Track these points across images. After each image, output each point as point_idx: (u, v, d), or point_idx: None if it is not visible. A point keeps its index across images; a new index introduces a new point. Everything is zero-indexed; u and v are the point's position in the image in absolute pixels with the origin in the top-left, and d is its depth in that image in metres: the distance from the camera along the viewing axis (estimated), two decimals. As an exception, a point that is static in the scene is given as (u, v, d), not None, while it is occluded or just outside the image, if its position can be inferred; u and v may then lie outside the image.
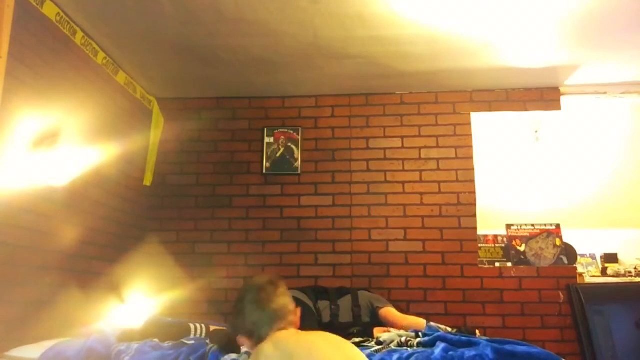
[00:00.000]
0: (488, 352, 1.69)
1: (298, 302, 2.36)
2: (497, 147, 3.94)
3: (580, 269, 3.53)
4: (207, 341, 2.03)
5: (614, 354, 2.94)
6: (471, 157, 3.46)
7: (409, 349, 1.91)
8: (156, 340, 2.08)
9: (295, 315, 1.65)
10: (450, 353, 1.72)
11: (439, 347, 1.79)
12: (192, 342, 2.00)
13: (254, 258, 3.44)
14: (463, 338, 1.89)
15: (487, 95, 3.53)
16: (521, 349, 1.73)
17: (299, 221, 3.47)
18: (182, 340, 2.05)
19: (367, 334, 2.50)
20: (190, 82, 3.48)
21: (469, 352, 1.70)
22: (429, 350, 1.81)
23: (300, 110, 3.64)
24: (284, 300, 1.63)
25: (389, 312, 2.75)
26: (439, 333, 1.98)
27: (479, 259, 3.35)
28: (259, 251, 3.45)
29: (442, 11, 2.55)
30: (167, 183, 3.61)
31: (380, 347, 1.95)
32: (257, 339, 1.56)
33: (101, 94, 2.96)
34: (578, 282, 3.23)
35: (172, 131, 3.64)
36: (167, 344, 2.03)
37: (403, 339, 2.08)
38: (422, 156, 3.49)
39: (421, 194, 3.43)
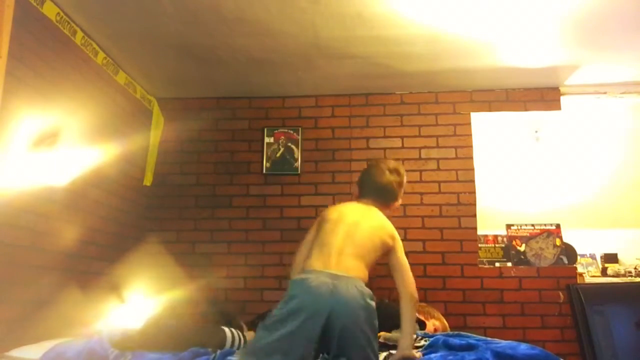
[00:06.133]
0: (488, 355, 1.68)
1: None
2: (497, 147, 3.94)
3: (580, 269, 3.52)
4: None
5: (614, 354, 2.93)
6: (471, 157, 3.46)
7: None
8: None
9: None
10: (450, 358, 1.72)
11: (438, 353, 1.79)
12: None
13: (254, 258, 3.44)
14: (462, 342, 1.88)
15: (487, 95, 3.53)
16: (521, 350, 1.72)
17: (299, 221, 3.47)
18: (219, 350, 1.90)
19: None
20: (190, 82, 3.47)
21: (469, 356, 1.69)
22: (425, 357, 1.80)
23: (300, 110, 3.64)
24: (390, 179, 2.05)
25: None
26: (439, 337, 1.97)
27: (479, 259, 3.35)
28: (259, 251, 3.45)
29: (442, 11, 2.55)
30: (167, 183, 3.60)
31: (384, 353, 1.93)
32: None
33: (101, 94, 2.95)
34: (578, 282, 3.23)
35: (172, 131, 3.64)
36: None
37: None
38: (422, 156, 3.49)
39: (421, 194, 3.43)
